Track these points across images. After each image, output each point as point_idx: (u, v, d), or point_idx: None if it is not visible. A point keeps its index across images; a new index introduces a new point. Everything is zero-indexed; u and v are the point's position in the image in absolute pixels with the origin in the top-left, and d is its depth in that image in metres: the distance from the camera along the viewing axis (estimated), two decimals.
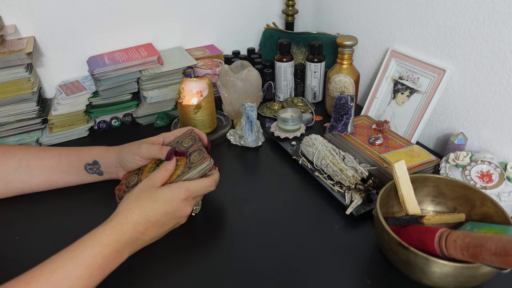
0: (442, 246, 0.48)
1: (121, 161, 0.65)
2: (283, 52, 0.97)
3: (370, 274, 0.55)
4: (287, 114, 0.86)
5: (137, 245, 0.54)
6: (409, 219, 0.56)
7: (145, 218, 0.53)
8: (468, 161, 0.67)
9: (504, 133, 0.70)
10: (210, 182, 0.60)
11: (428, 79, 0.79)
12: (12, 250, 0.60)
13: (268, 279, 0.54)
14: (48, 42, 0.92)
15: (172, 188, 0.56)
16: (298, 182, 0.74)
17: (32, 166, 0.66)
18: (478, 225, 0.55)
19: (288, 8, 1.12)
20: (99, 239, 0.49)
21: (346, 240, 0.60)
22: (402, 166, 0.58)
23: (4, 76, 0.79)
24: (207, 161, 0.60)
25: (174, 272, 0.56)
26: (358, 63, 1.00)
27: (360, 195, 0.64)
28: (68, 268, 0.46)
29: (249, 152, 0.83)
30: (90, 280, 0.47)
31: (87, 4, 0.92)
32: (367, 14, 0.94)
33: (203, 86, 0.85)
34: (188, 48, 1.08)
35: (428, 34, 0.79)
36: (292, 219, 0.65)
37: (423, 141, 0.86)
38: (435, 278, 0.48)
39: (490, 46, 0.68)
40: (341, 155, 0.73)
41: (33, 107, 0.84)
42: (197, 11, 1.06)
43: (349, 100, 0.77)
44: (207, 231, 0.63)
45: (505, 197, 0.62)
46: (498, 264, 0.41)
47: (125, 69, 0.88)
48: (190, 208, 0.58)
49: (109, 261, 0.49)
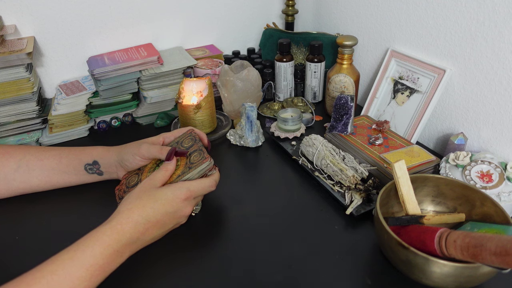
0: (442, 246, 0.48)
1: (121, 161, 0.65)
2: (283, 52, 0.97)
3: (370, 274, 0.55)
4: (287, 114, 0.86)
5: (138, 245, 0.54)
6: (409, 219, 0.56)
7: (146, 218, 0.53)
8: (468, 161, 0.67)
9: (504, 133, 0.70)
10: (210, 182, 0.60)
11: (428, 79, 0.79)
12: (12, 250, 0.60)
13: (268, 279, 0.54)
14: (48, 42, 0.92)
15: (172, 188, 0.56)
16: (298, 182, 0.74)
17: (32, 166, 0.66)
18: (478, 225, 0.55)
19: (288, 8, 1.12)
20: (100, 240, 0.49)
21: (346, 240, 0.60)
22: (402, 166, 0.58)
23: (4, 76, 0.79)
24: (207, 161, 0.60)
25: (174, 271, 0.56)
26: (358, 63, 1.00)
27: (360, 195, 0.64)
28: (69, 269, 0.46)
29: (249, 152, 0.83)
30: (90, 281, 0.47)
31: (87, 4, 0.92)
32: (367, 14, 0.94)
33: (203, 86, 0.85)
34: (188, 48, 1.08)
35: (428, 34, 0.79)
36: (292, 219, 0.65)
37: (423, 141, 0.86)
38: (435, 278, 0.48)
39: (490, 46, 0.68)
40: (341, 155, 0.73)
41: (33, 107, 0.84)
42: (197, 11, 1.06)
43: (349, 100, 0.77)
44: (207, 231, 0.63)
45: (505, 197, 0.62)
46: (498, 264, 0.41)
47: (125, 69, 0.88)
48: (191, 208, 0.58)
49: (110, 261, 0.49)
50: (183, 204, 0.56)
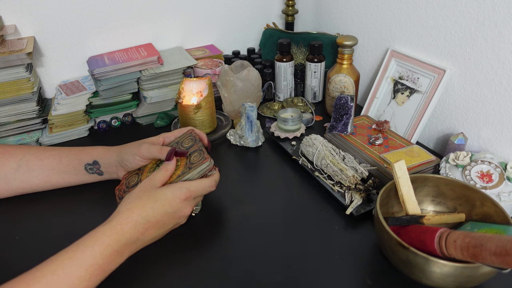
0: (442, 246, 0.48)
1: (121, 161, 0.65)
2: (283, 52, 0.97)
3: (370, 274, 0.55)
4: (287, 114, 0.86)
5: (137, 245, 0.54)
6: (409, 219, 0.56)
7: (145, 218, 0.53)
8: (468, 161, 0.67)
9: (504, 133, 0.70)
10: (210, 182, 0.60)
11: (428, 79, 0.79)
12: (12, 250, 0.60)
13: (268, 279, 0.54)
14: (48, 42, 0.92)
15: (172, 188, 0.56)
16: (298, 182, 0.74)
17: (32, 166, 0.66)
18: (478, 225, 0.55)
19: (288, 8, 1.12)
20: (100, 240, 0.49)
21: (346, 240, 0.60)
22: (402, 166, 0.58)
23: (4, 76, 0.79)
24: (207, 161, 0.60)
25: (174, 271, 0.56)
26: (358, 63, 1.00)
27: (360, 195, 0.64)
28: (69, 268, 0.46)
29: (249, 152, 0.83)
30: (90, 281, 0.47)
31: (87, 4, 0.92)
32: (367, 14, 0.94)
33: (203, 86, 0.85)
34: (188, 48, 1.08)
35: (428, 34, 0.79)
36: (292, 219, 0.65)
37: (423, 141, 0.86)
38: (435, 278, 0.48)
39: (490, 46, 0.68)
40: (341, 155, 0.73)
41: (33, 107, 0.84)
42: (197, 11, 1.06)
43: (349, 100, 0.77)
44: (207, 231, 0.63)
45: (505, 197, 0.62)
46: (498, 264, 0.41)
47: (125, 69, 0.88)
48: (190, 208, 0.58)
49: (110, 261, 0.49)
50: (182, 204, 0.56)
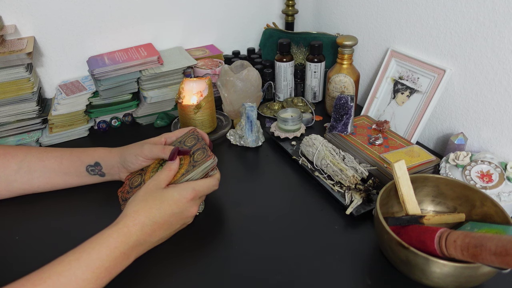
0: (442, 246, 0.48)
1: (124, 162, 0.65)
2: (283, 52, 0.97)
3: (370, 274, 0.55)
4: (287, 114, 0.86)
5: (144, 247, 0.54)
6: (409, 219, 0.56)
7: (152, 220, 0.53)
8: (468, 161, 0.67)
9: (504, 133, 0.70)
10: (214, 181, 0.61)
11: (428, 79, 0.79)
12: (13, 251, 0.60)
13: (268, 279, 0.54)
14: (48, 42, 0.92)
15: (178, 189, 0.56)
16: (298, 182, 0.74)
17: (33, 167, 0.66)
18: (478, 225, 0.55)
19: (288, 8, 1.12)
20: (106, 242, 0.49)
21: (346, 240, 0.60)
22: (402, 166, 0.58)
23: (4, 76, 0.79)
24: (211, 159, 0.60)
25: (174, 272, 0.56)
26: (358, 63, 1.00)
27: (360, 195, 0.65)
28: (75, 270, 0.46)
29: (249, 152, 0.83)
30: (96, 283, 0.47)
31: (87, 4, 0.92)
32: (367, 14, 0.94)
33: (203, 86, 0.85)
34: (188, 48, 1.08)
35: (428, 34, 0.79)
36: (292, 219, 0.65)
37: (423, 141, 0.86)
38: (435, 278, 0.48)
39: (490, 46, 0.68)
40: (341, 155, 0.73)
41: (33, 107, 0.84)
42: (197, 11, 1.06)
43: (349, 100, 0.77)
44: (207, 231, 0.63)
45: (505, 197, 0.62)
46: (498, 264, 0.41)
47: (125, 69, 0.88)
48: (196, 207, 0.58)
49: (116, 264, 0.49)
50: (189, 204, 0.57)
